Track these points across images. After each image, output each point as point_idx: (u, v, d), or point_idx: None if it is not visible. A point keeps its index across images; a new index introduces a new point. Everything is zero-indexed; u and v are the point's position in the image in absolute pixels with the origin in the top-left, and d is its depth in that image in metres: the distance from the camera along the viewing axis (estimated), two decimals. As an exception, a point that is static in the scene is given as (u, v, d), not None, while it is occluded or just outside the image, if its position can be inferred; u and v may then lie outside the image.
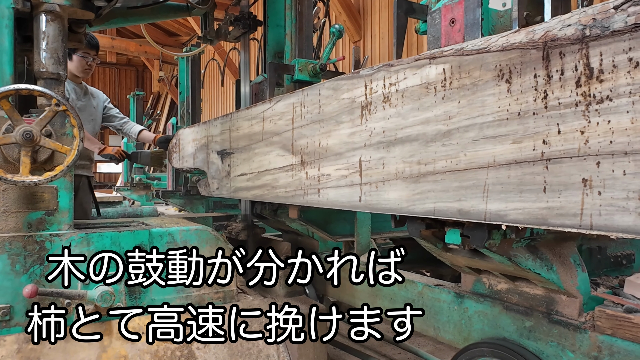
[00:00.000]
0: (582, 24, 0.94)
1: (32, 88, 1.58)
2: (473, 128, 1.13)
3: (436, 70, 1.22)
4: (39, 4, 1.73)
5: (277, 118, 1.90)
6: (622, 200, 0.88)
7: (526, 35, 1.04)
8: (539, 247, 1.33)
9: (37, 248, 1.68)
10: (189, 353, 1.78)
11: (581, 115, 0.94)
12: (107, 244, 1.77)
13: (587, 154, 0.93)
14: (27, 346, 1.59)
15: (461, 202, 1.16)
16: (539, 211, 1.01)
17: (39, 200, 1.71)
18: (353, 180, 1.49)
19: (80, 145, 1.66)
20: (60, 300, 1.65)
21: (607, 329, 1.17)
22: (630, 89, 0.86)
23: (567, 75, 0.96)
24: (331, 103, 1.59)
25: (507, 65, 1.06)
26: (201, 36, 3.13)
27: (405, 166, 1.31)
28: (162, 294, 1.84)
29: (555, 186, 0.98)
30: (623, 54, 0.87)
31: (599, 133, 0.91)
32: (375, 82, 1.41)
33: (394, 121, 1.34)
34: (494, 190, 1.09)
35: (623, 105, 0.87)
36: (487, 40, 1.13)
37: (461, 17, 1.42)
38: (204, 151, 2.62)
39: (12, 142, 1.57)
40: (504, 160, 1.07)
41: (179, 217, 3.61)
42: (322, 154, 1.63)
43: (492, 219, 1.10)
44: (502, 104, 1.07)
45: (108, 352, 1.69)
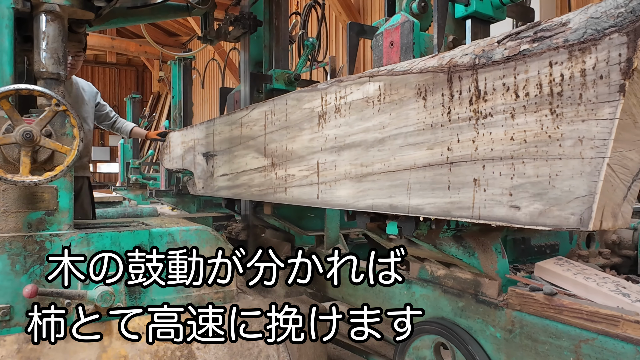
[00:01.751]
0: (475, 54, 1.15)
1: (32, 88, 1.58)
2: (400, 136, 1.34)
3: (374, 87, 1.42)
4: (39, 4, 1.73)
5: (252, 124, 2.10)
6: (498, 196, 1.09)
7: (437, 60, 1.24)
8: (465, 237, 1.51)
9: (37, 248, 1.68)
10: (189, 353, 1.78)
11: (473, 127, 1.14)
12: (107, 244, 1.77)
13: (477, 159, 1.14)
14: (27, 346, 1.59)
15: (392, 198, 1.37)
16: (445, 205, 1.22)
17: (39, 200, 1.71)
18: (312, 180, 1.69)
19: (80, 145, 1.66)
20: (60, 300, 1.65)
21: (516, 305, 1.35)
22: (504, 108, 1.07)
23: (463, 95, 1.16)
24: (295, 112, 1.78)
25: (424, 85, 1.26)
26: (201, 36, 3.13)
27: (351, 168, 1.52)
28: (162, 294, 1.84)
29: (456, 185, 1.18)
30: (499, 79, 1.08)
31: (484, 142, 1.12)
32: (329, 95, 1.61)
33: (343, 129, 1.55)
34: (414, 188, 1.30)
35: (499, 120, 1.08)
36: (411, 63, 1.33)
37: (398, 40, 1.65)
38: (191, 153, 2.82)
39: (12, 142, 1.57)
40: (421, 164, 1.28)
41: (179, 217, 3.61)
42: (288, 157, 1.83)
43: (413, 212, 1.31)
44: (420, 117, 1.28)
45: (108, 352, 1.69)
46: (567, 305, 1.24)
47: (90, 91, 3.26)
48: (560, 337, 1.25)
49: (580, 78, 0.95)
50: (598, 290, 1.28)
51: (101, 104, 3.38)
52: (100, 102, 3.38)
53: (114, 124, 3.49)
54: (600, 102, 0.92)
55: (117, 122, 3.51)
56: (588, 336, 1.20)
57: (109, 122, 3.47)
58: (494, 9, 1.56)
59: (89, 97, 3.22)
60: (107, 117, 3.43)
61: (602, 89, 0.92)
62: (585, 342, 1.20)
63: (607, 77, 0.91)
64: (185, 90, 5.27)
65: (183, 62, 5.32)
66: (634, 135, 0.92)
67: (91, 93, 3.26)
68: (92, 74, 18.78)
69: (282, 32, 2.84)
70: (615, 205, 0.95)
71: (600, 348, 1.17)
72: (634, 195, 0.97)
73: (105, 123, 3.48)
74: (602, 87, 0.92)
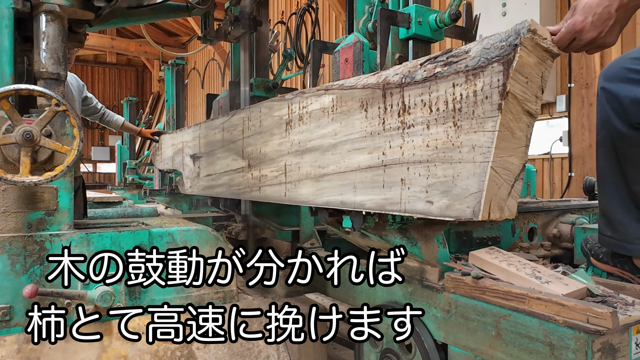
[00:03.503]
0: (403, 74, 1.34)
1: (32, 88, 1.58)
2: (348, 142, 1.54)
3: (329, 99, 1.62)
4: (39, 4, 1.73)
5: (232, 129, 2.32)
6: (418, 193, 1.28)
7: (376, 78, 1.43)
8: (409, 229, 1.68)
9: (37, 248, 1.68)
10: (189, 353, 1.78)
11: (400, 136, 1.34)
12: (107, 244, 1.77)
13: (403, 162, 1.33)
14: (27, 346, 1.59)
15: (342, 196, 1.57)
16: (381, 201, 1.41)
17: (39, 201, 1.71)
18: (281, 180, 1.89)
19: (81, 145, 1.66)
20: (60, 300, 1.65)
21: (452, 288, 1.52)
22: (422, 120, 1.27)
23: (394, 108, 1.36)
24: (267, 119, 1.99)
25: (365, 98, 1.46)
26: (201, 36, 3.13)
27: (311, 169, 1.70)
28: (162, 294, 1.84)
29: (389, 184, 1.38)
30: (419, 96, 1.28)
31: (409, 148, 1.31)
32: (294, 105, 1.80)
33: (305, 135, 1.74)
34: (359, 187, 1.49)
35: (419, 130, 1.28)
36: (357, 79, 1.54)
37: (351, 57, 1.86)
38: (180, 155, 3.06)
39: (12, 142, 1.57)
40: (364, 166, 1.47)
41: (179, 217, 3.61)
42: (262, 159, 2.03)
43: (358, 207, 1.51)
44: (362, 126, 1.47)
45: (108, 352, 1.69)
46: (489, 286, 1.43)
47: (78, 85, 3.23)
48: (484, 314, 1.44)
49: (473, 97, 1.14)
50: (516, 274, 1.49)
51: (88, 97, 3.37)
52: (87, 95, 3.37)
53: (102, 116, 3.53)
54: (486, 117, 1.11)
55: (106, 114, 3.54)
56: (505, 313, 1.38)
57: (98, 115, 3.50)
58: (432, 31, 1.75)
59: (77, 92, 3.20)
60: (95, 110, 3.46)
61: (487, 107, 1.11)
62: (503, 317, 1.39)
63: (490, 98, 1.10)
64: (178, 94, 5.48)
65: (176, 67, 5.55)
66: (513, 144, 1.12)
67: (78, 87, 3.23)
68: (92, 74, 18.78)
69: (262, 43, 3.06)
70: (501, 200, 1.13)
71: (514, 322, 1.35)
72: (517, 192, 1.14)
73: (94, 116, 3.50)
74: (487, 105, 1.11)
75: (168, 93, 5.56)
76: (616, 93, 1.49)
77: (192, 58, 14.80)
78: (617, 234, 1.61)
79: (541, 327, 1.29)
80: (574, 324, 1.22)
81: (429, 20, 1.73)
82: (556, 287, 1.39)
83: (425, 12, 1.74)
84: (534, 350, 1.31)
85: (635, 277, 1.60)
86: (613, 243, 1.63)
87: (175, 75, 5.52)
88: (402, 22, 1.73)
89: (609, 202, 1.62)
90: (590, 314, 1.22)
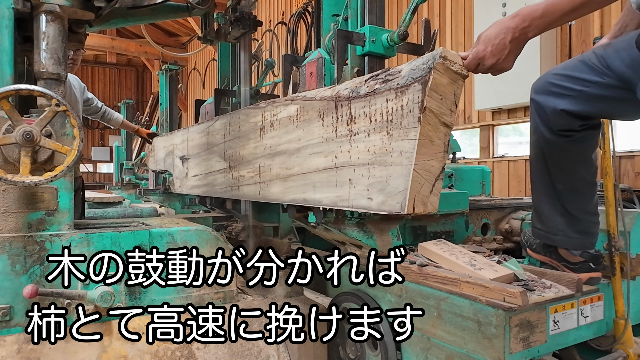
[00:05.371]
0: (351, 89, 1.53)
1: (32, 88, 1.58)
2: (309, 147, 1.71)
3: (294, 108, 1.80)
4: (39, 4, 1.73)
5: (216, 133, 2.53)
6: (362, 191, 1.46)
7: (331, 92, 1.63)
8: (366, 223, 1.88)
9: (37, 248, 1.68)
10: (189, 353, 1.78)
11: (348, 142, 1.52)
12: (107, 244, 1.77)
13: (351, 164, 1.51)
14: (27, 346, 1.59)
15: (304, 194, 1.74)
16: (334, 198, 1.59)
17: (39, 201, 1.71)
18: (256, 180, 2.08)
19: (81, 146, 1.66)
20: (60, 301, 1.65)
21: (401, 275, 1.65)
22: (364, 129, 1.46)
23: (344, 118, 1.54)
24: (245, 125, 2.19)
25: (322, 109, 1.65)
26: (201, 36, 3.13)
27: (280, 170, 1.89)
28: (162, 294, 1.84)
29: (340, 183, 1.56)
30: (362, 108, 1.47)
31: (355, 152, 1.49)
32: (267, 113, 2.00)
33: (275, 140, 1.93)
34: (317, 186, 1.67)
35: (362, 137, 1.46)
36: (317, 92, 1.74)
37: (315, 71, 2.08)
38: (171, 156, 3.30)
39: (12, 142, 1.57)
40: (321, 167, 1.65)
41: (179, 217, 3.62)
42: (240, 161, 2.23)
43: (316, 204, 1.69)
44: (320, 132, 1.65)
45: (108, 352, 1.69)
46: (431, 273, 1.63)
47: (80, 87, 3.28)
48: (428, 298, 1.63)
49: (401, 111, 1.32)
50: (455, 262, 1.71)
51: (89, 97, 3.50)
52: (88, 95, 3.48)
53: (103, 114, 3.80)
54: (410, 127, 1.29)
55: (107, 112, 3.82)
56: (444, 296, 1.58)
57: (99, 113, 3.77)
58: (385, 48, 1.94)
59: (79, 93, 3.24)
60: (96, 109, 3.74)
61: (410, 119, 1.29)
62: (442, 300, 1.58)
63: (413, 111, 1.28)
64: (172, 98, 5.75)
65: (170, 72, 5.84)
66: (432, 150, 1.29)
67: (80, 89, 3.28)
68: (92, 74, 18.78)
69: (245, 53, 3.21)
70: (424, 196, 1.30)
71: (451, 304, 1.56)
72: (438, 190, 1.32)
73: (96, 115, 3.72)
74: (410, 118, 1.29)
75: (162, 97, 5.84)
76: (541, 103, 1.68)
77: (192, 58, 14.80)
78: (544, 227, 1.80)
79: (471, 307, 1.49)
80: (494, 302, 1.42)
81: (381, 39, 1.92)
82: (487, 273, 1.60)
83: (378, 32, 1.93)
84: (466, 328, 1.50)
85: (560, 265, 1.81)
86: (542, 235, 1.82)
87: (169, 80, 5.81)
88: (358, 41, 1.93)
89: (538, 198, 1.82)
90: (505, 294, 1.43)
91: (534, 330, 1.46)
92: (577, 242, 1.75)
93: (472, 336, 1.48)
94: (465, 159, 6.59)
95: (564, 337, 1.59)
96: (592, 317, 1.67)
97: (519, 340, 1.42)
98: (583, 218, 1.74)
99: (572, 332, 1.61)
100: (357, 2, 2.02)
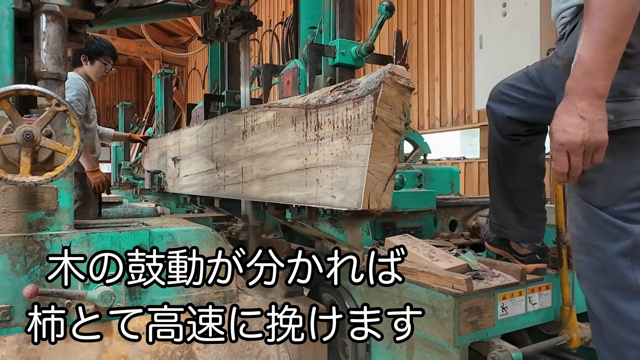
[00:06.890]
0: (318, 98, 1.66)
1: (33, 88, 1.58)
2: (284, 150, 1.84)
3: (272, 114, 1.94)
4: (39, 4, 1.73)
5: (204, 135, 2.69)
6: (327, 190, 1.59)
7: (302, 100, 1.76)
8: (338, 219, 2.01)
9: (37, 248, 1.68)
10: (189, 353, 1.78)
11: (316, 145, 1.65)
12: (107, 244, 1.77)
13: (318, 166, 1.64)
14: (27, 346, 1.59)
15: (280, 193, 1.87)
16: (304, 196, 1.72)
17: (39, 201, 1.71)
18: (239, 180, 2.22)
19: (81, 146, 1.66)
20: (60, 300, 1.65)
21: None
22: (329, 134, 1.59)
23: (312, 124, 1.67)
24: (230, 128, 2.34)
25: (295, 115, 1.77)
26: (201, 36, 3.13)
27: (260, 171, 2.02)
28: (162, 294, 1.84)
29: (309, 183, 1.68)
30: (327, 116, 1.60)
31: (322, 155, 1.62)
32: (249, 118, 2.13)
33: (255, 143, 2.07)
34: (291, 185, 1.80)
35: (327, 142, 1.60)
36: (290, 100, 1.89)
37: (291, 80, 2.27)
38: (164, 157, 3.45)
39: (13, 142, 1.57)
40: (294, 168, 1.77)
41: (180, 217, 3.62)
42: (225, 162, 2.38)
43: (290, 202, 1.83)
44: (293, 137, 1.78)
45: (108, 352, 1.69)
46: None
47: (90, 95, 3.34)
48: (392, 287, 1.72)
49: (357, 119, 1.45)
50: (416, 254, 1.87)
51: None
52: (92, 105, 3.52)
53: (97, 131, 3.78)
54: (364, 134, 1.42)
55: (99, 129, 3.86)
56: (404, 285, 1.73)
57: None
58: (354, 59, 2.12)
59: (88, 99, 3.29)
60: None
61: (365, 126, 1.42)
62: (404, 289, 1.74)
63: (367, 120, 1.41)
64: (167, 101, 5.89)
65: (165, 76, 6.00)
66: (384, 154, 1.42)
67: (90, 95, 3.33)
68: (92, 74, 18.74)
69: (233, 60, 3.43)
70: (378, 194, 1.43)
71: (411, 292, 1.71)
72: (390, 188, 1.45)
73: None
74: (365, 125, 1.42)
75: (158, 100, 6.01)
76: (494, 110, 1.86)
77: (192, 58, 14.80)
78: (498, 221, 1.99)
79: (427, 294, 1.65)
80: (444, 289, 1.59)
81: (350, 52, 2.11)
82: (442, 264, 1.76)
83: (348, 45, 2.12)
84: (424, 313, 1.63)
85: (511, 256, 1.98)
86: (496, 229, 2.01)
87: (164, 84, 5.99)
88: (329, 53, 2.12)
89: (494, 196, 2.00)
90: (453, 281, 1.60)
91: (483, 315, 1.62)
92: (524, 235, 1.92)
93: (428, 320, 1.64)
94: (466, 159, 6.60)
95: (513, 322, 1.74)
96: (540, 304, 1.84)
97: (468, 324, 1.58)
98: (530, 214, 1.91)
99: (521, 317, 1.76)
100: (329, 17, 2.18)
